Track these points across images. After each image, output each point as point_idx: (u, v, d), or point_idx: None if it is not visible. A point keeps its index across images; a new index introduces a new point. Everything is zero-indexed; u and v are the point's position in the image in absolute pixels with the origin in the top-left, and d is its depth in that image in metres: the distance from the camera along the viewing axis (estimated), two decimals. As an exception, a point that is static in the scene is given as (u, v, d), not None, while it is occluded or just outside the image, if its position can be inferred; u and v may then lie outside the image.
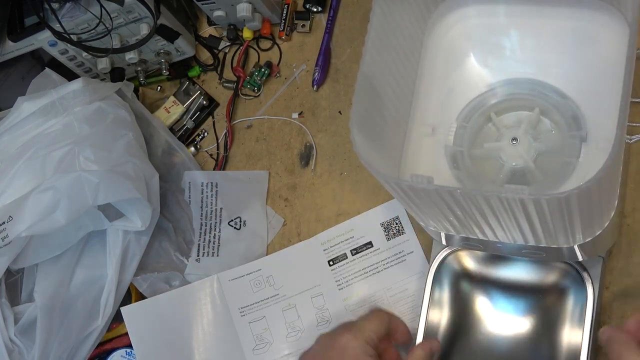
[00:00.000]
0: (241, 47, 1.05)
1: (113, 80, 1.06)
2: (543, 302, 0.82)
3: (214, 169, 1.03)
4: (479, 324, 0.84)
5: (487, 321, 0.84)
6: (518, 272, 0.83)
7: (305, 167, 0.99)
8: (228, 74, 1.06)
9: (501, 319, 0.83)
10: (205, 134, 1.05)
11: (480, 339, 0.83)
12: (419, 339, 0.82)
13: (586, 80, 0.71)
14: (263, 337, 0.94)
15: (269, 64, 1.03)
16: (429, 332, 0.83)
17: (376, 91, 0.69)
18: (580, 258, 0.73)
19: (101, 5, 0.91)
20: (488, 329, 0.83)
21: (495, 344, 0.83)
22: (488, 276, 0.84)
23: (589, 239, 0.67)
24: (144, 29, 0.98)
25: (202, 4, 1.00)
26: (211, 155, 1.04)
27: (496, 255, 0.83)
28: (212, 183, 1.01)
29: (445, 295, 0.85)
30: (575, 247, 0.68)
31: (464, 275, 0.85)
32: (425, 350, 0.79)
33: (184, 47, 1.03)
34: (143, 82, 1.06)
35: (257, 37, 1.05)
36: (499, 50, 0.75)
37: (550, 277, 0.81)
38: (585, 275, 0.77)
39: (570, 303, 0.80)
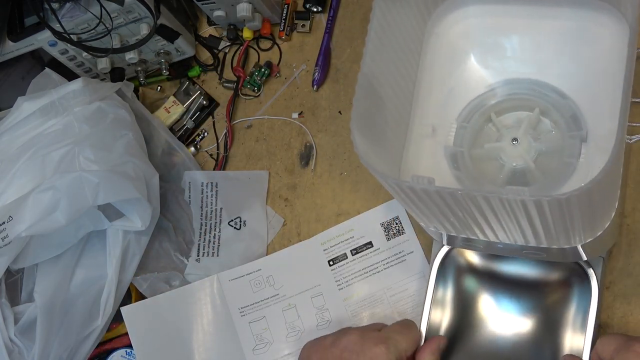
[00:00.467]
0: (241, 47, 1.05)
1: (113, 80, 1.06)
2: (546, 300, 0.82)
3: (214, 169, 1.03)
4: (481, 321, 0.84)
5: (489, 318, 0.84)
6: (522, 268, 0.83)
7: (305, 167, 0.99)
8: (228, 74, 1.06)
9: (503, 317, 0.83)
10: (205, 134, 1.05)
11: (483, 336, 0.83)
12: (422, 335, 0.82)
13: (586, 80, 0.71)
14: (263, 337, 0.94)
15: (269, 64, 1.03)
16: (431, 330, 0.83)
17: (376, 92, 0.69)
18: (581, 258, 0.73)
19: (101, 5, 0.91)
20: (490, 327, 0.83)
21: (497, 342, 0.83)
22: (491, 271, 0.84)
23: (590, 239, 0.67)
24: (144, 29, 0.97)
25: (202, 4, 1.00)
26: (211, 155, 1.04)
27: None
28: (212, 183, 1.01)
29: (448, 291, 0.84)
30: (577, 248, 0.68)
31: (467, 270, 0.84)
32: (434, 355, 0.78)
33: (184, 47, 1.03)
34: (143, 82, 1.06)
35: (257, 37, 1.05)
36: (499, 50, 0.75)
37: (554, 274, 0.81)
38: (590, 271, 0.77)
39: (574, 300, 0.80)
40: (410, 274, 0.92)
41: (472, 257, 0.85)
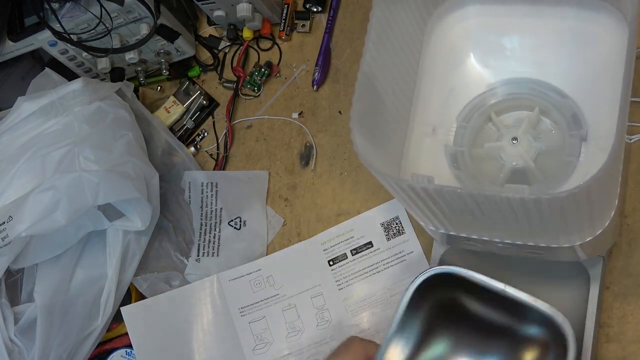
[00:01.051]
0: (241, 47, 1.05)
1: (113, 80, 1.06)
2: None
3: (214, 169, 1.03)
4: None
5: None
6: (496, 315, 0.75)
7: (305, 167, 0.99)
8: (228, 74, 1.06)
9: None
10: (205, 134, 1.05)
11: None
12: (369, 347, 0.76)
13: (586, 79, 0.71)
14: (263, 337, 0.94)
15: (269, 64, 1.03)
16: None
17: (376, 91, 0.69)
18: (580, 257, 0.73)
19: (101, 5, 0.92)
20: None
21: None
22: (471, 307, 0.76)
23: (590, 238, 0.67)
24: (144, 29, 0.98)
25: (202, 4, 1.00)
26: (211, 155, 1.04)
27: (477, 296, 0.74)
28: (212, 183, 1.01)
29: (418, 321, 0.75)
30: (576, 247, 0.68)
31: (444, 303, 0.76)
32: None
33: (184, 47, 1.03)
34: (143, 82, 1.06)
35: (257, 37, 1.05)
36: (499, 50, 0.75)
37: (529, 329, 0.73)
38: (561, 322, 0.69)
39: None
40: (410, 274, 0.91)
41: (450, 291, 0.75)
